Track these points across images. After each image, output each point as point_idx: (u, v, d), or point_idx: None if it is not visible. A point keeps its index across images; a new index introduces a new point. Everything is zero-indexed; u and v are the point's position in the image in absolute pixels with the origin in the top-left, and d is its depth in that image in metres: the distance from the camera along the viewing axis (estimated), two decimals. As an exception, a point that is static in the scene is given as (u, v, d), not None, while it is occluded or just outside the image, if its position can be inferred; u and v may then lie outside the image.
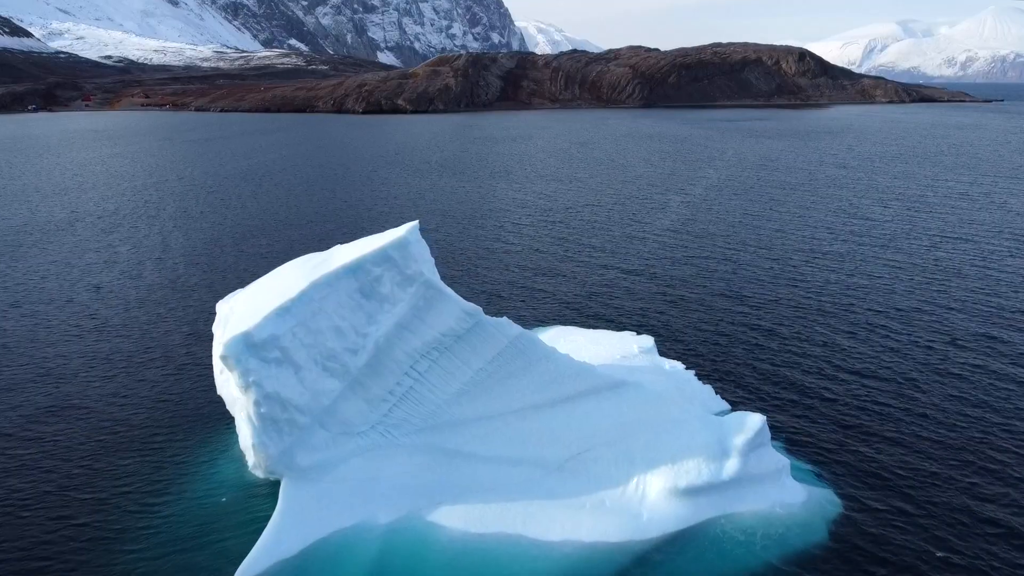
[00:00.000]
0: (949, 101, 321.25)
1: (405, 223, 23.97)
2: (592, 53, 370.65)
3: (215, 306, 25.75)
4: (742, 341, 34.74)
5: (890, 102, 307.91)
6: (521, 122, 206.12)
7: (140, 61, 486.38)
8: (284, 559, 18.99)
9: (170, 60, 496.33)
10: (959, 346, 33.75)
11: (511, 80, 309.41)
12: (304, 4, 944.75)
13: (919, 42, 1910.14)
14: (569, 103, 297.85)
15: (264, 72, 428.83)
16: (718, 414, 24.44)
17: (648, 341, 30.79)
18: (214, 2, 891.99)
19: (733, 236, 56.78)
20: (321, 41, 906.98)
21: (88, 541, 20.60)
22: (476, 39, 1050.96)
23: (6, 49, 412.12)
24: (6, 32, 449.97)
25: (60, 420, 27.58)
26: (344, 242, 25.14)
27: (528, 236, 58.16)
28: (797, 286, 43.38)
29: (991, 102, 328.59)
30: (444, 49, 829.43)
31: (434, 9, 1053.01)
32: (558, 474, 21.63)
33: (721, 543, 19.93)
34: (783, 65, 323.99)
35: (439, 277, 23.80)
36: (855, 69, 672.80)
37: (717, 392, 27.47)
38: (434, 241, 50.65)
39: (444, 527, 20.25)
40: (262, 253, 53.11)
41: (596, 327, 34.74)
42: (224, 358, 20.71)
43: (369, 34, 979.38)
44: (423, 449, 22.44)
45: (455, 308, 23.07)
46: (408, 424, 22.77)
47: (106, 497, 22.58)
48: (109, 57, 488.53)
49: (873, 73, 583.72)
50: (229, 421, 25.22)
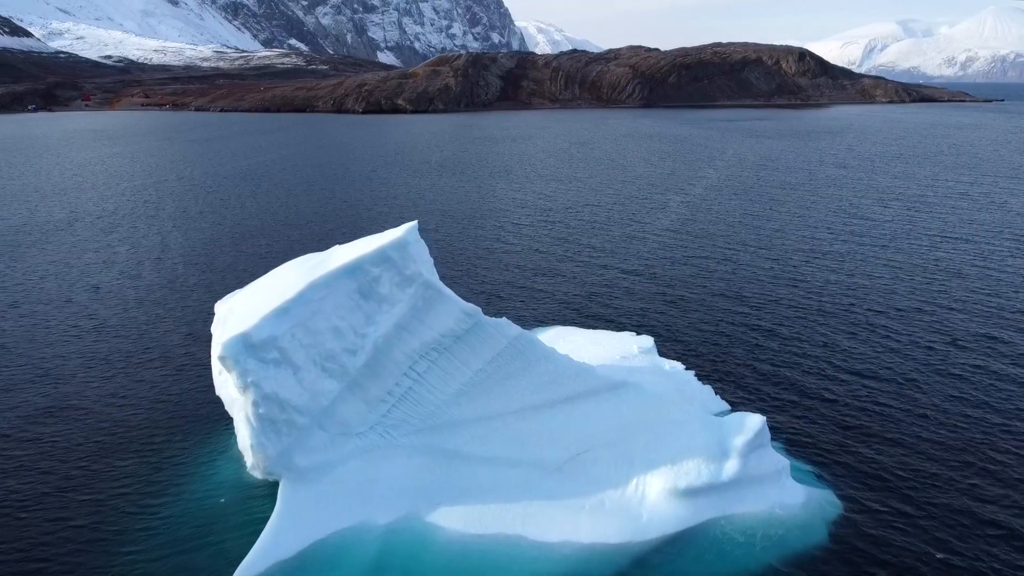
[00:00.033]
0: (949, 101, 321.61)
1: (404, 223, 23.94)
2: (592, 53, 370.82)
3: (214, 306, 25.69)
4: (742, 341, 34.70)
5: (890, 102, 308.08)
6: (521, 122, 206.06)
7: (140, 61, 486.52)
8: (282, 560, 18.97)
9: (170, 60, 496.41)
10: (959, 346, 33.69)
11: (511, 80, 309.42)
12: (304, 4, 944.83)
13: (919, 42, 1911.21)
14: (569, 103, 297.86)
15: (264, 72, 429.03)
16: (718, 415, 24.38)
17: (648, 341, 30.77)
18: (214, 2, 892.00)
19: (733, 236, 56.72)
20: (321, 41, 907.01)
21: (86, 542, 20.56)
22: (476, 39, 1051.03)
23: (6, 49, 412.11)
24: (6, 32, 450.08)
25: (58, 421, 27.54)
26: (343, 242, 25.10)
27: (528, 236, 58.10)
28: (797, 286, 43.33)
29: (991, 102, 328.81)
30: (444, 49, 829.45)
31: (434, 9, 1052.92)
32: (557, 475, 21.58)
33: (721, 544, 19.91)
34: (783, 65, 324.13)
35: (438, 277, 23.77)
36: (855, 69, 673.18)
37: (717, 393, 27.42)
38: (433, 241, 50.59)
39: (443, 528, 20.21)
40: (261, 253, 53.05)
41: (596, 327, 34.69)
42: (223, 359, 20.69)
43: (369, 34, 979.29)
44: (422, 450, 22.39)
45: (454, 308, 23.03)
46: (407, 425, 22.72)
47: (104, 498, 22.54)
48: (109, 57, 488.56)
49: (873, 73, 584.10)
50: (228, 422, 25.17)
